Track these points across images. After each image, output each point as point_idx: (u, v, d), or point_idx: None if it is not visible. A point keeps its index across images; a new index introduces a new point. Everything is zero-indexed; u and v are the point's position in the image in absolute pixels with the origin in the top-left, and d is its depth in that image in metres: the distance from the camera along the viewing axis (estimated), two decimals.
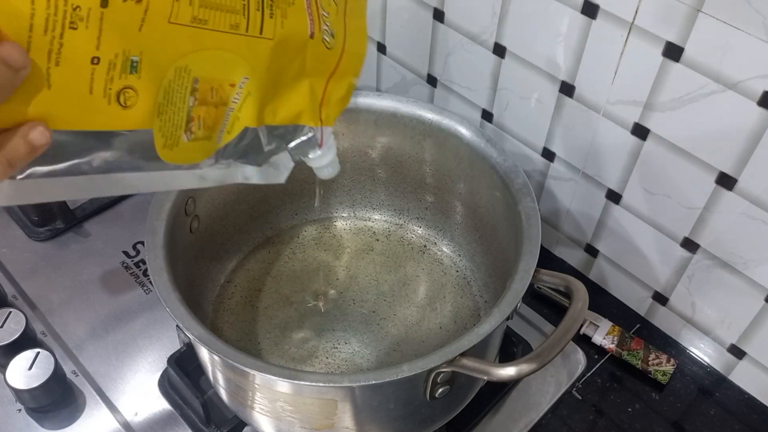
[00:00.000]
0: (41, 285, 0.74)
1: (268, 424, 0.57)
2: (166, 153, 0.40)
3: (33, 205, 0.77)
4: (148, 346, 0.69)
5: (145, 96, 0.36)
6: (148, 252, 0.55)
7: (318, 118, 0.50)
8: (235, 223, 0.71)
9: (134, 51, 0.34)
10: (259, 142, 0.47)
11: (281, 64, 0.44)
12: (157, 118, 0.38)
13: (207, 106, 0.41)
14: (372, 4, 0.78)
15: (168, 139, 0.39)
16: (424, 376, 0.50)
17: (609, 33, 0.58)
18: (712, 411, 0.68)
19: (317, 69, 0.48)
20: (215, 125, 0.42)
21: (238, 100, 0.42)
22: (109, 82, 0.34)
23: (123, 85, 0.35)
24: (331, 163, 0.55)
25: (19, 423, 0.64)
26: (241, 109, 0.43)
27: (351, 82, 0.52)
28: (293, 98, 0.47)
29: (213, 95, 0.41)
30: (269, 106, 0.46)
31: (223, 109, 0.42)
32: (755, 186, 0.57)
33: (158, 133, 0.38)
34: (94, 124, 0.35)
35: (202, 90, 0.40)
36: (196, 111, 0.40)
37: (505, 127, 0.74)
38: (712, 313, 0.67)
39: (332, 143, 0.54)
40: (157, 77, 0.36)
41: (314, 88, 0.48)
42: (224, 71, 0.40)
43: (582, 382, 0.69)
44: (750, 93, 0.52)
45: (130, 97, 0.35)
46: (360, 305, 0.70)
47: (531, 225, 0.57)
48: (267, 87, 0.44)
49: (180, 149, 0.40)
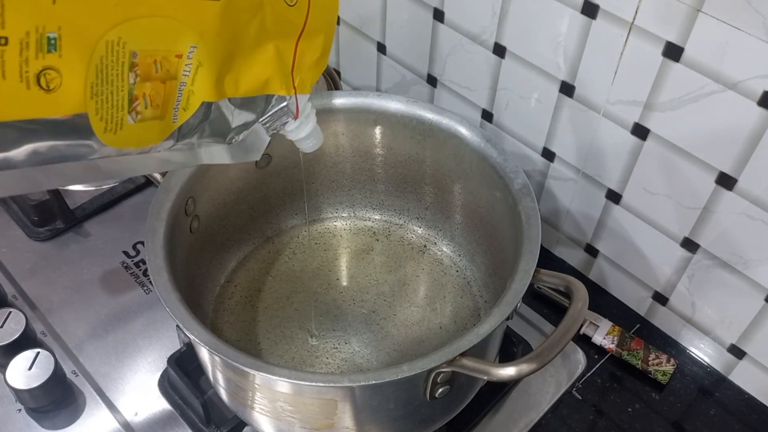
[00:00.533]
0: (41, 285, 0.74)
1: (268, 424, 0.57)
2: (109, 138, 0.36)
3: (33, 205, 0.77)
4: (148, 346, 0.69)
5: (72, 76, 0.32)
6: (148, 252, 0.55)
7: (291, 85, 0.45)
8: (235, 223, 0.71)
9: (51, 26, 0.31)
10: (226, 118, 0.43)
11: (235, 27, 0.39)
12: (91, 99, 0.34)
13: (152, 81, 0.36)
14: (372, 4, 0.78)
15: (109, 122, 0.35)
16: (424, 376, 0.50)
17: (609, 33, 0.58)
18: (712, 411, 0.68)
19: (282, 30, 0.43)
20: (167, 102, 0.38)
21: (189, 72, 0.38)
22: (24, 63, 0.30)
23: (42, 66, 0.31)
24: (312, 134, 0.51)
25: (19, 423, 0.64)
26: (195, 82, 0.39)
27: (325, 42, 0.46)
28: (257, 65, 0.42)
29: (158, 69, 0.36)
30: (229, 76, 0.41)
31: (173, 83, 0.38)
32: (755, 186, 0.57)
33: (95, 117, 0.34)
34: (14, 113, 0.31)
35: (143, 64, 0.35)
36: (139, 88, 0.36)
37: (505, 127, 0.74)
38: (712, 313, 0.67)
39: (311, 112, 0.49)
40: (83, 54, 0.32)
41: (282, 52, 0.43)
42: (166, 41, 0.36)
43: (582, 382, 0.69)
44: (750, 93, 0.52)
45: (53, 79, 0.32)
46: (360, 305, 0.70)
47: (531, 225, 0.57)
48: (222, 55, 0.40)
49: (126, 132, 0.36)
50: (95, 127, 0.35)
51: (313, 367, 0.65)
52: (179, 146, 0.41)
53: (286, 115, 0.47)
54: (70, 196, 0.80)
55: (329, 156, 0.72)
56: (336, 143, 0.71)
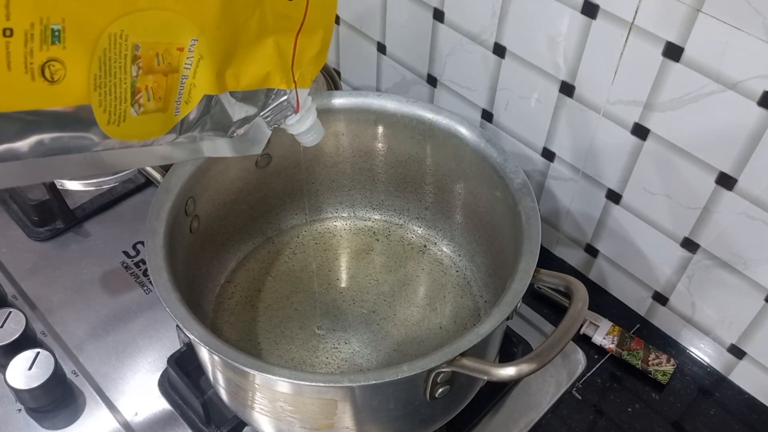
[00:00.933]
0: (41, 285, 0.74)
1: (268, 424, 0.57)
2: (112, 129, 0.36)
3: (33, 205, 0.77)
4: (148, 346, 0.69)
5: (76, 68, 0.32)
6: (148, 252, 0.55)
7: (291, 79, 0.45)
8: (235, 223, 0.71)
9: (55, 18, 0.31)
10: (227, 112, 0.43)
11: (235, 21, 0.40)
12: (95, 91, 0.34)
13: (155, 74, 0.37)
14: (372, 4, 0.78)
15: (112, 114, 0.35)
16: (424, 376, 0.50)
17: (609, 33, 0.58)
18: (712, 411, 0.68)
19: (281, 24, 0.43)
20: (168, 95, 0.38)
21: (191, 65, 0.38)
22: (29, 55, 0.30)
23: (46, 57, 0.31)
24: (313, 128, 0.51)
25: (19, 423, 0.64)
26: (196, 75, 0.39)
27: (324, 37, 0.47)
28: (258, 59, 0.43)
29: (160, 62, 0.37)
30: (230, 70, 0.41)
31: (175, 76, 0.38)
32: (755, 186, 0.57)
33: (98, 109, 0.35)
34: (18, 104, 0.31)
35: (146, 57, 0.36)
36: (142, 81, 0.36)
37: (505, 127, 0.74)
38: (712, 313, 0.67)
39: (311, 106, 0.50)
40: (87, 46, 0.33)
41: (282, 47, 0.44)
42: (168, 34, 0.36)
43: (582, 382, 0.69)
44: (750, 93, 0.52)
45: (57, 71, 0.32)
46: (360, 305, 0.70)
47: (531, 225, 0.57)
48: (223, 49, 0.40)
49: (129, 124, 0.37)
50: (98, 118, 0.35)
51: (313, 367, 0.65)
52: (181, 139, 0.41)
53: (286, 108, 0.47)
54: (70, 196, 0.80)
55: (329, 156, 0.72)
56: (336, 143, 0.71)
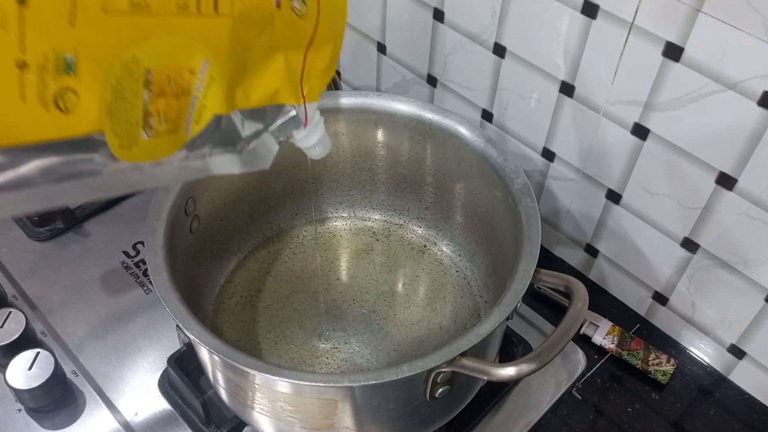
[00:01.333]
0: (41, 285, 0.74)
1: (268, 424, 0.57)
2: (124, 153, 0.36)
3: None
4: (148, 346, 0.69)
5: (89, 97, 0.33)
6: (148, 252, 0.55)
7: (299, 94, 0.45)
8: (235, 223, 0.71)
9: (67, 48, 0.31)
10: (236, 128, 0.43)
11: (246, 41, 0.40)
12: (107, 117, 0.34)
13: (166, 97, 0.37)
14: (372, 4, 0.78)
15: (124, 138, 0.35)
16: (424, 376, 0.50)
17: (609, 33, 0.58)
18: (712, 411, 0.68)
19: (291, 41, 0.43)
20: (179, 117, 0.38)
21: (202, 86, 0.39)
22: (43, 86, 0.30)
23: (59, 87, 0.31)
24: (321, 141, 0.51)
25: (19, 423, 0.64)
26: (207, 96, 0.39)
27: (333, 50, 0.47)
28: (267, 77, 0.43)
29: (171, 85, 0.37)
30: (240, 89, 0.41)
31: (186, 98, 0.38)
32: (755, 186, 0.57)
33: (111, 134, 0.35)
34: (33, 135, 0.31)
35: (157, 81, 0.36)
36: (153, 105, 0.36)
37: (505, 127, 0.74)
38: (712, 313, 0.67)
39: (319, 120, 0.50)
40: (100, 75, 0.33)
41: (291, 63, 0.44)
42: (179, 58, 0.36)
43: (582, 382, 0.69)
44: (750, 93, 0.52)
45: (70, 100, 0.32)
46: (360, 305, 0.70)
47: (531, 225, 0.57)
48: (233, 68, 0.40)
49: (140, 147, 0.37)
50: (110, 143, 0.35)
51: (313, 367, 0.65)
52: (192, 157, 0.41)
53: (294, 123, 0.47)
54: None
55: (329, 156, 0.71)
56: (336, 143, 0.71)
